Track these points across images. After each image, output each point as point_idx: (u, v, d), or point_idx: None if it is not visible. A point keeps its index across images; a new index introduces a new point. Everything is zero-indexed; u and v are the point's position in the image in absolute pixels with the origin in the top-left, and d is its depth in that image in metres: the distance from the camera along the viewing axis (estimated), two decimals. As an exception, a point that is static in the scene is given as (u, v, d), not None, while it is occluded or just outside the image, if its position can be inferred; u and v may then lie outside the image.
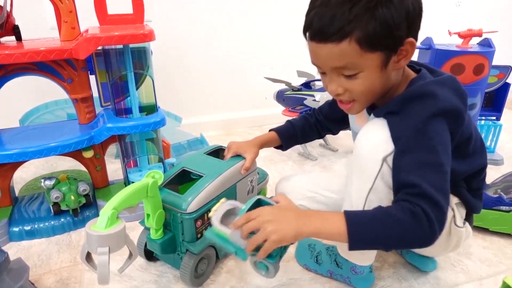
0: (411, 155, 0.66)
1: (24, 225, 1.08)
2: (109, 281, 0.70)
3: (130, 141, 1.20)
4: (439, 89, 0.67)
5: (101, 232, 0.68)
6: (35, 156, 1.01)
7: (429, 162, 0.65)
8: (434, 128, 0.66)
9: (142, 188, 0.78)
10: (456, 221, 0.79)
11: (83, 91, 1.11)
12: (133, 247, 0.77)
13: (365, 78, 0.68)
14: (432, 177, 0.64)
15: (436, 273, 0.94)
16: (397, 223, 0.62)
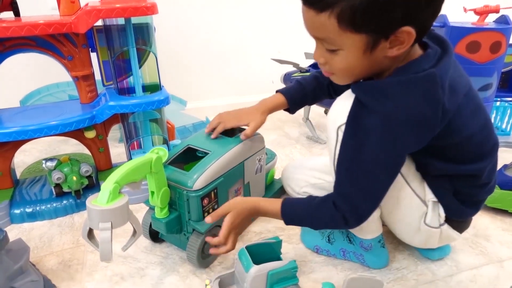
0: (349, 152, 0.68)
1: (26, 207, 1.05)
2: (111, 258, 0.67)
3: (133, 122, 1.16)
4: (405, 92, 0.62)
5: (103, 206, 0.65)
6: (35, 134, 0.97)
7: (362, 167, 0.66)
8: (386, 137, 0.63)
9: (145, 164, 0.74)
10: (426, 219, 0.76)
11: (84, 69, 1.07)
12: (137, 224, 0.74)
13: (344, 57, 0.64)
14: (363, 183, 0.67)
15: (453, 255, 0.90)
16: (319, 219, 0.74)
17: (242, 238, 0.96)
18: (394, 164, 0.67)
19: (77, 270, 0.87)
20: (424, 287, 0.81)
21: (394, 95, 0.62)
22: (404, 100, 0.62)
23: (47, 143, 1.57)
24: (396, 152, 0.65)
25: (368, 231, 0.82)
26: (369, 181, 0.67)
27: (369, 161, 0.65)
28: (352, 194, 0.69)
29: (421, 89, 0.61)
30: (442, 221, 0.77)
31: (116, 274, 0.85)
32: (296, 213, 0.76)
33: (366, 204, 0.70)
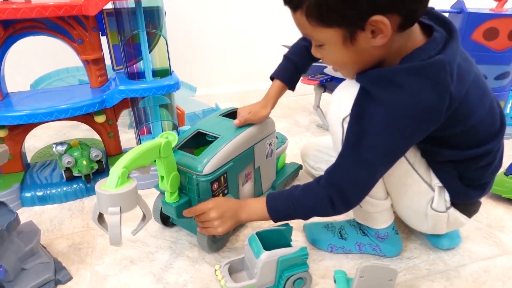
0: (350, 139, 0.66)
1: (36, 190, 1.05)
2: (121, 242, 0.67)
3: (143, 107, 1.15)
4: (413, 79, 0.59)
5: (112, 191, 0.64)
6: (45, 118, 0.97)
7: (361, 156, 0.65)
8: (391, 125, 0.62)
9: (154, 148, 0.73)
10: (433, 204, 0.75)
11: (94, 52, 1.06)
12: (146, 208, 0.73)
13: (331, 51, 0.64)
14: (355, 173, 0.66)
15: (466, 245, 0.88)
16: (305, 204, 0.73)
17: (252, 225, 0.95)
18: (394, 155, 0.66)
19: (87, 253, 0.87)
20: (436, 276, 0.80)
21: (401, 83, 0.60)
22: (411, 88, 0.60)
23: (57, 128, 1.57)
24: (399, 142, 0.64)
25: (383, 220, 0.81)
26: (364, 170, 0.66)
27: (369, 150, 0.64)
28: (343, 181, 0.68)
29: (428, 77, 0.59)
30: (448, 205, 0.75)
31: (125, 257, 0.86)
32: (281, 202, 0.75)
33: (356, 192, 0.69)
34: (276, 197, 0.76)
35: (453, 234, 0.87)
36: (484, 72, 1.33)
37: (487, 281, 0.79)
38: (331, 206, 0.70)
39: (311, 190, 0.72)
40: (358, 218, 0.84)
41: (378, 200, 0.77)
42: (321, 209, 0.72)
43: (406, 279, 0.79)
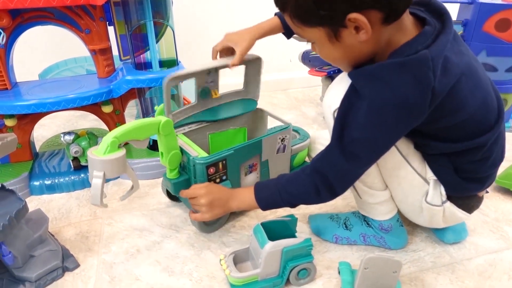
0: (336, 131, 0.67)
1: (45, 179, 1.06)
2: (100, 203, 0.71)
3: (150, 97, 1.16)
4: (395, 75, 0.59)
5: (99, 157, 0.69)
6: (53, 107, 0.98)
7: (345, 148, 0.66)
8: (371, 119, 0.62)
9: (151, 125, 0.77)
10: (427, 197, 0.74)
11: (101, 42, 1.06)
12: (134, 178, 0.78)
13: (321, 48, 0.67)
14: (340, 164, 0.67)
15: (473, 238, 0.88)
16: (291, 189, 0.74)
17: (257, 216, 0.96)
18: (378, 149, 0.67)
19: (94, 242, 0.88)
20: (442, 269, 0.79)
21: (385, 79, 0.61)
22: (393, 84, 0.60)
23: (65, 118, 1.58)
24: (382, 136, 0.65)
25: (384, 211, 0.80)
26: (349, 162, 0.67)
27: (353, 143, 0.65)
28: (328, 170, 0.69)
29: (410, 73, 0.59)
30: (444, 199, 0.75)
31: (132, 246, 0.87)
32: (268, 191, 0.76)
33: (341, 182, 0.70)
34: (264, 186, 0.78)
35: (458, 228, 0.86)
36: (495, 64, 1.31)
37: (492, 274, 0.78)
38: (316, 193, 0.71)
39: (297, 178, 0.73)
40: (361, 210, 0.84)
41: (377, 190, 0.77)
42: (306, 196, 0.73)
43: (410, 271, 0.79)
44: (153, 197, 1.04)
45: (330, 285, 0.76)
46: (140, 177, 1.11)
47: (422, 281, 0.77)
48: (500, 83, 1.31)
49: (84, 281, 0.77)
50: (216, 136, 1.01)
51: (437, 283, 0.76)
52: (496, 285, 0.76)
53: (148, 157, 1.13)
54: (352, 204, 1.00)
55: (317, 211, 0.96)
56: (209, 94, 0.99)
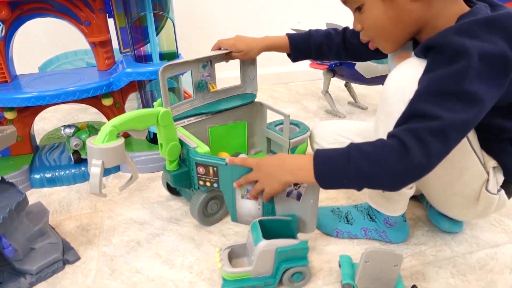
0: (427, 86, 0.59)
1: (45, 172, 1.06)
2: (99, 192, 0.70)
3: (150, 90, 1.15)
4: (483, 30, 0.57)
5: (97, 145, 0.69)
6: (53, 100, 0.97)
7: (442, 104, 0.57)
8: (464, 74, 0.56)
9: (150, 115, 0.77)
10: (488, 186, 0.72)
11: (101, 35, 1.06)
12: (133, 168, 0.78)
13: (369, 11, 0.66)
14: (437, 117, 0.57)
15: (474, 232, 0.88)
16: (367, 161, 0.59)
17: (257, 209, 0.95)
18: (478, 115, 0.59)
19: (95, 235, 0.88)
20: (443, 263, 0.79)
21: (474, 34, 0.57)
22: (485, 38, 0.57)
23: (66, 111, 1.58)
24: (484, 97, 0.57)
25: (399, 208, 0.79)
26: (448, 113, 0.56)
27: (454, 95, 0.57)
28: (420, 127, 0.57)
29: (501, 28, 0.57)
30: (499, 187, 0.73)
31: (132, 239, 0.86)
32: (333, 158, 0.62)
33: (438, 140, 0.57)
34: (327, 154, 0.64)
35: (455, 220, 0.86)
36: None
37: (494, 268, 0.78)
38: (404, 153, 0.56)
39: (374, 143, 0.61)
40: (374, 203, 0.81)
41: (406, 188, 0.74)
42: (389, 158, 0.57)
43: (412, 265, 0.78)
44: (154, 190, 1.04)
45: (330, 278, 0.76)
46: (140, 170, 1.11)
47: (423, 275, 0.76)
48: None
49: (85, 274, 0.77)
50: (216, 129, 1.01)
51: (438, 277, 0.76)
52: (497, 278, 0.75)
53: (148, 150, 1.12)
54: (353, 198, 0.99)
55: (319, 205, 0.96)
56: (206, 88, 0.99)
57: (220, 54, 0.95)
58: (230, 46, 0.95)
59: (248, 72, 1.05)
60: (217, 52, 0.96)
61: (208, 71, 0.98)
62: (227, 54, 0.96)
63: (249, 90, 1.07)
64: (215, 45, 0.97)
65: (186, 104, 0.98)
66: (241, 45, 0.94)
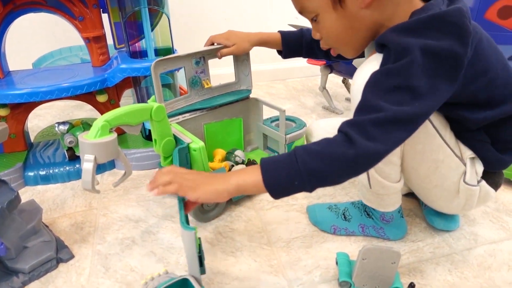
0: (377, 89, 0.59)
1: (39, 170, 1.05)
2: (91, 188, 0.69)
3: (145, 86, 1.14)
4: (429, 27, 0.58)
5: (89, 140, 0.68)
6: (46, 96, 0.96)
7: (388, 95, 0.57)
8: (410, 68, 0.57)
9: (143, 110, 0.76)
10: (465, 178, 0.71)
11: (95, 30, 1.04)
12: (127, 164, 0.77)
13: (323, 20, 0.67)
14: (378, 110, 0.57)
15: (472, 228, 0.87)
16: (315, 157, 0.57)
17: (254, 206, 0.94)
18: (425, 109, 0.58)
19: (89, 233, 0.87)
20: (441, 260, 0.78)
21: (421, 32, 0.58)
22: (431, 36, 0.57)
23: (61, 108, 1.57)
24: (430, 92, 0.57)
25: (391, 203, 0.79)
26: (394, 106, 0.56)
27: (395, 90, 0.57)
28: (364, 119, 0.57)
29: (450, 24, 0.57)
30: (479, 178, 0.73)
31: (127, 237, 0.85)
32: (281, 162, 0.59)
33: (381, 130, 0.56)
34: (274, 159, 0.60)
35: (451, 217, 0.85)
36: (496, 52, 1.29)
37: (492, 265, 0.77)
38: (349, 143, 0.56)
39: (319, 142, 0.60)
40: (366, 200, 0.82)
41: (391, 182, 0.74)
42: (337, 151, 0.56)
43: (409, 262, 0.78)
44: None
45: (327, 276, 0.75)
46: (136, 167, 1.10)
47: (421, 272, 0.76)
48: (502, 72, 1.29)
49: (79, 272, 0.76)
50: (211, 126, 1.00)
51: (436, 274, 0.75)
52: (495, 275, 0.75)
53: (144, 147, 1.11)
54: (351, 195, 0.99)
55: (315, 201, 0.95)
56: (199, 84, 0.98)
57: (213, 49, 0.94)
58: (223, 41, 0.94)
59: (242, 68, 1.04)
60: (210, 47, 0.94)
61: (201, 67, 0.97)
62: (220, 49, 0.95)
63: (244, 86, 1.06)
64: (208, 41, 0.97)
65: (181, 100, 0.97)
66: (234, 39, 0.94)
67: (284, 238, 0.84)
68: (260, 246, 0.82)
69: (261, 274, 0.75)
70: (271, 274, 0.75)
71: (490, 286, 0.73)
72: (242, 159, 1.01)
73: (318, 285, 0.73)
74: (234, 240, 0.84)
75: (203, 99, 1.01)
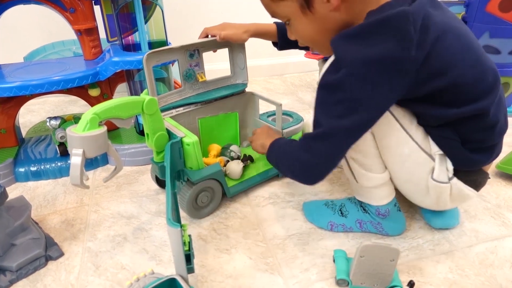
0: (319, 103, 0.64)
1: (30, 165, 1.02)
2: (79, 183, 0.68)
3: (139, 80, 1.11)
4: (373, 32, 0.57)
5: (77, 134, 0.66)
6: (36, 90, 0.93)
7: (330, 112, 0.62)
8: (355, 79, 0.58)
9: (134, 103, 0.74)
10: (433, 175, 0.70)
11: (86, 22, 1.01)
12: (117, 159, 0.76)
13: (296, 25, 0.68)
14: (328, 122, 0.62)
15: (473, 225, 0.85)
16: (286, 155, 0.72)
17: (250, 203, 0.92)
18: (365, 111, 0.61)
19: (80, 230, 0.85)
20: (441, 257, 0.76)
21: (362, 37, 0.58)
22: (371, 41, 0.57)
23: (54, 104, 1.54)
24: (368, 103, 0.60)
25: (382, 196, 0.77)
26: (339, 120, 0.61)
27: (338, 104, 0.61)
28: (309, 137, 0.66)
29: (389, 28, 0.56)
30: (450, 175, 0.70)
31: (119, 234, 0.83)
32: (279, 144, 0.77)
33: (321, 144, 0.64)
34: (279, 142, 0.78)
35: (449, 214, 0.83)
36: (498, 46, 1.27)
37: (494, 262, 0.75)
38: (300, 157, 0.67)
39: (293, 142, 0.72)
40: (357, 195, 0.81)
41: (375, 173, 0.73)
42: (295, 160, 0.69)
43: (408, 260, 0.76)
44: (143, 183, 1.00)
45: (324, 274, 0.73)
46: (129, 163, 1.07)
47: (420, 270, 0.73)
48: (503, 66, 1.27)
49: (68, 270, 0.74)
50: (206, 120, 0.98)
51: (436, 272, 0.73)
52: (497, 273, 0.73)
53: (138, 143, 1.09)
54: (348, 191, 0.96)
55: (312, 198, 0.93)
56: (194, 78, 0.96)
57: (207, 41, 0.91)
58: (217, 32, 0.91)
59: (237, 61, 1.01)
60: (205, 39, 0.92)
61: (195, 60, 0.95)
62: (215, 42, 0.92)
63: (240, 80, 1.04)
64: (202, 33, 0.94)
65: (175, 94, 0.94)
66: (229, 29, 0.92)
67: (280, 235, 0.82)
68: (255, 243, 0.80)
69: (256, 272, 0.73)
70: (266, 272, 0.73)
71: (492, 284, 0.70)
72: (237, 154, 0.99)
73: (315, 283, 0.71)
74: (229, 237, 0.82)
75: (197, 93, 0.98)
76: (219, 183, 0.86)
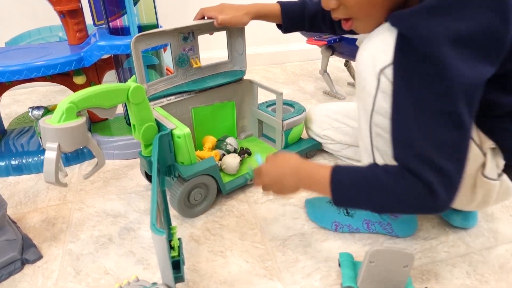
0: (412, 97, 0.51)
1: (11, 159, 0.95)
2: (54, 180, 0.61)
3: (128, 67, 1.03)
4: (465, 3, 0.48)
5: (52, 125, 0.59)
6: (14, 76, 0.86)
7: (437, 114, 0.50)
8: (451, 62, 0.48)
9: (118, 91, 0.66)
10: (485, 171, 0.62)
11: (70, 3, 0.93)
12: (98, 153, 0.69)
13: None
14: (440, 137, 0.51)
15: (491, 224, 0.78)
16: (389, 195, 0.55)
17: (247, 200, 0.85)
18: (472, 95, 0.51)
19: (61, 229, 0.78)
20: (457, 260, 0.69)
21: (450, 11, 0.48)
22: (465, 15, 0.48)
23: (42, 94, 1.46)
24: (471, 80, 0.50)
25: None
26: (449, 129, 0.51)
27: (443, 97, 0.50)
28: (433, 154, 0.51)
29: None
30: (499, 171, 0.63)
31: (104, 234, 0.76)
32: (354, 181, 0.58)
33: (454, 164, 0.52)
34: (348, 172, 0.59)
35: (470, 213, 0.76)
36: None
37: (516, 267, 0.68)
38: (430, 195, 0.51)
39: (398, 175, 0.54)
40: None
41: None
42: (416, 204, 0.54)
43: (421, 263, 0.69)
44: (132, 178, 0.93)
45: (329, 279, 0.66)
46: (118, 156, 1.00)
47: (435, 274, 0.66)
48: None
49: (46, 276, 0.67)
50: (200, 110, 0.90)
51: (452, 277, 0.66)
52: (520, 279, 0.66)
53: (128, 134, 1.02)
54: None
55: (315, 194, 0.86)
56: (188, 63, 0.88)
57: (203, 23, 0.84)
58: (215, 14, 0.83)
59: (236, 45, 0.93)
60: (200, 21, 0.84)
61: (190, 44, 0.87)
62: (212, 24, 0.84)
63: (238, 66, 0.96)
64: (198, 14, 0.86)
65: (166, 81, 0.87)
66: (228, 12, 0.83)
67: (280, 236, 0.75)
68: (253, 244, 0.73)
69: (253, 277, 0.66)
70: (265, 277, 0.66)
71: (515, 291, 0.64)
72: (234, 147, 0.91)
73: (318, 290, 0.64)
74: (224, 238, 0.75)
75: (191, 80, 0.91)
76: (214, 179, 0.79)
